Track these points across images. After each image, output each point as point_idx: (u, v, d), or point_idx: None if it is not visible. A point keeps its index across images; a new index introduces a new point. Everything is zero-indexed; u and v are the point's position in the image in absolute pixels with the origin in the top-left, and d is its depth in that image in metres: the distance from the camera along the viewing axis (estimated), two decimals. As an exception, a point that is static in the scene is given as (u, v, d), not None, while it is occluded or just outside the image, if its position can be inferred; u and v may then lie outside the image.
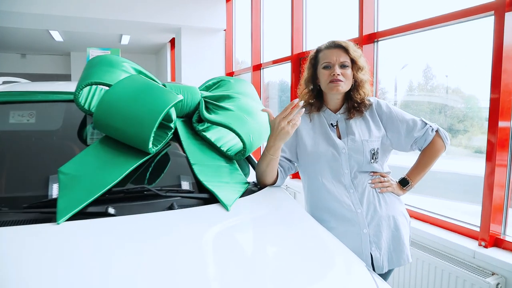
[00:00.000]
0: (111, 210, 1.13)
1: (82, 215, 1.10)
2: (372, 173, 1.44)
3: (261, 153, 1.57)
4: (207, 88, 1.86)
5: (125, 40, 7.62)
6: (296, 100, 1.32)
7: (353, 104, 1.46)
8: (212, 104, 1.67)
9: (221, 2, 4.85)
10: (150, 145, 1.36)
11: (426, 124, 1.45)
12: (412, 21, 2.26)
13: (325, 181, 1.43)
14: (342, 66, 1.41)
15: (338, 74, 1.39)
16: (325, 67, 1.43)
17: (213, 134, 1.67)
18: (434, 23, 2.09)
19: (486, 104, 2.16)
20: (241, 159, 1.57)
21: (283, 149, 1.52)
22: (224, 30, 5.03)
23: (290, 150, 1.53)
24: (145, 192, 1.26)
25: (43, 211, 1.11)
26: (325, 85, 1.44)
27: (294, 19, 3.30)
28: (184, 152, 1.53)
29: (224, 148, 1.61)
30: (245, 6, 4.52)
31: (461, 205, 2.44)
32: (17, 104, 1.73)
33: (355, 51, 1.43)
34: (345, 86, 1.42)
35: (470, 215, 2.21)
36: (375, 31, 2.55)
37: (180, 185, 1.40)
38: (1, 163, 1.48)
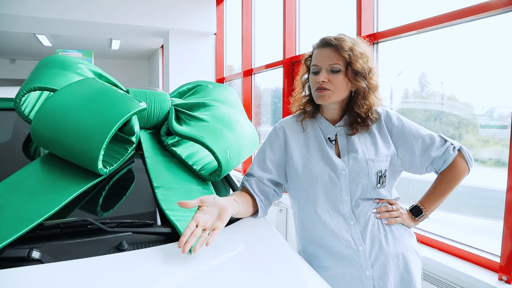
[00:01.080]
0: (35, 255, 0.86)
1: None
2: (377, 200, 1.17)
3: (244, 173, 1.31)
4: (181, 94, 1.61)
5: (116, 45, 7.39)
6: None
7: (356, 118, 1.18)
8: (184, 113, 1.41)
9: (211, 5, 4.62)
10: (100, 165, 1.09)
11: (446, 141, 1.19)
12: (417, 19, 2.02)
13: (320, 210, 1.16)
14: (332, 70, 1.13)
15: (323, 81, 1.12)
16: (314, 72, 1.16)
17: (184, 150, 1.41)
18: (444, 20, 1.85)
19: (481, 111, 2.10)
20: (216, 180, 1.30)
21: (268, 169, 1.24)
22: (215, 34, 4.79)
23: (278, 169, 1.25)
24: (89, 226, 0.99)
25: None
26: (313, 92, 1.18)
27: (287, 21, 3.06)
28: (147, 172, 1.26)
29: (196, 167, 1.35)
30: (237, 9, 4.28)
31: (461, 218, 2.31)
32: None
33: (351, 49, 1.12)
34: (334, 96, 1.14)
35: (473, 229, 2.08)
36: (375, 31, 2.30)
37: (136, 216, 1.13)
38: None
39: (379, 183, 1.14)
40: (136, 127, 1.33)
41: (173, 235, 1.02)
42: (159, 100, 1.43)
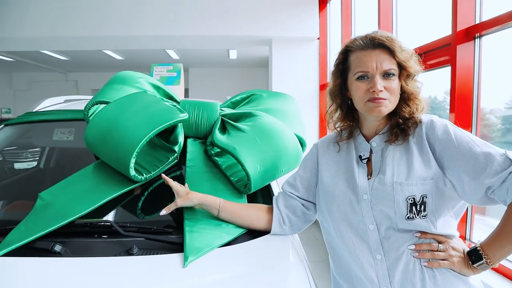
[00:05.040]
0: (57, 248, 0.98)
1: (29, 249, 0.98)
2: (418, 234, 0.95)
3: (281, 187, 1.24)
4: (234, 104, 1.62)
5: (233, 54, 7.92)
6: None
7: (397, 120, 0.99)
8: (229, 123, 1.42)
9: (314, 10, 4.55)
10: (133, 172, 1.18)
11: (511, 163, 0.87)
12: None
13: (342, 238, 1.01)
14: (386, 75, 0.96)
15: (380, 90, 0.94)
16: (359, 78, 0.98)
17: (226, 160, 1.41)
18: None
19: None
20: (247, 193, 1.27)
21: (296, 186, 1.15)
22: (318, 38, 4.70)
23: (307, 188, 1.14)
24: (113, 228, 1.08)
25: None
26: (360, 104, 0.99)
27: (381, 21, 2.79)
28: (184, 180, 1.31)
29: (234, 178, 1.34)
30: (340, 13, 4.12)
31: None
32: (61, 122, 1.78)
33: (403, 50, 0.97)
34: (390, 105, 0.97)
35: None
36: (477, 22, 1.91)
37: (160, 223, 1.18)
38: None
39: (411, 212, 0.92)
40: (181, 138, 1.39)
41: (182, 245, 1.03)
42: (207, 110, 1.46)
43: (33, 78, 9.73)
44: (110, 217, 1.18)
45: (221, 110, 1.51)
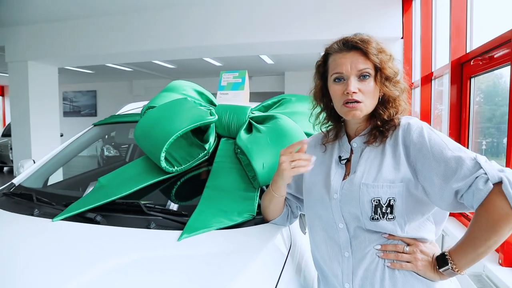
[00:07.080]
0: (98, 218, 1.29)
1: (79, 217, 1.31)
2: (386, 235, 0.97)
3: None
4: (265, 108, 1.78)
5: (325, 58, 7.94)
6: (305, 144, 1.06)
7: (376, 123, 1.02)
8: (254, 125, 1.59)
9: (397, 10, 4.36)
10: (164, 164, 1.45)
11: (479, 167, 0.86)
12: None
13: (315, 234, 1.09)
14: (362, 76, 0.98)
15: (354, 92, 0.97)
16: (336, 80, 1.01)
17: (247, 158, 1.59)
18: None
19: None
20: (257, 187, 1.43)
21: (288, 184, 1.22)
22: (401, 38, 4.47)
23: (296, 183, 1.23)
24: (146, 207, 1.35)
25: (62, 209, 1.38)
26: (338, 106, 1.03)
27: (453, 14, 2.58)
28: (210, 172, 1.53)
29: (250, 174, 1.51)
30: (425, 11, 3.87)
31: None
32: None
33: (380, 51, 0.99)
34: (366, 108, 1.00)
35: None
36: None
37: (181, 207, 1.42)
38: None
39: (375, 214, 0.95)
40: (212, 137, 1.61)
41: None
42: (237, 113, 1.64)
43: (148, 85, 11.27)
44: (142, 199, 1.46)
45: (252, 113, 1.69)
